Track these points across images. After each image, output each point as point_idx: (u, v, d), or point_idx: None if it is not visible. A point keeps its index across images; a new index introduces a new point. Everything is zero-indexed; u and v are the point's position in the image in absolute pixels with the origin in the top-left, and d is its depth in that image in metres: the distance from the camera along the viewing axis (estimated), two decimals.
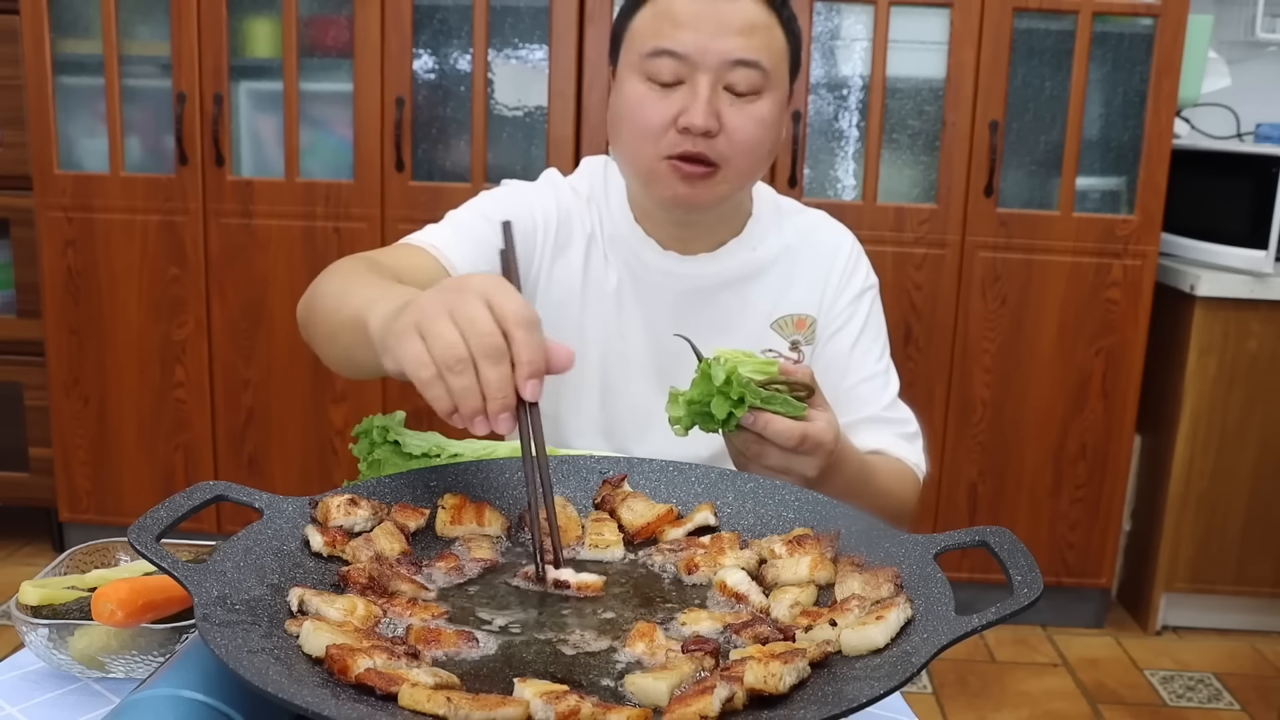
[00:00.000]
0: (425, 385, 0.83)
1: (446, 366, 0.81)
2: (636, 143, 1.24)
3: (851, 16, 2.72)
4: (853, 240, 1.43)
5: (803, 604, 0.80)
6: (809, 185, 2.79)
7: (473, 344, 0.81)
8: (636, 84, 1.23)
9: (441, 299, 0.84)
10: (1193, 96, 2.86)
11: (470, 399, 0.82)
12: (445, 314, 0.83)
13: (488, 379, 0.81)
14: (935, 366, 2.81)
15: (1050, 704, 2.63)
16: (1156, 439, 2.98)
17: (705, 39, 1.19)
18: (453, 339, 0.81)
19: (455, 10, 2.75)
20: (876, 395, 1.36)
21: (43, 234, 2.85)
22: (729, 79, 1.21)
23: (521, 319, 0.83)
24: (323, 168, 2.85)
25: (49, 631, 0.90)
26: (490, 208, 1.32)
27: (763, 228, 1.38)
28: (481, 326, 0.82)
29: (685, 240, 1.33)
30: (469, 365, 0.81)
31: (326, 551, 0.85)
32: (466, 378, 0.81)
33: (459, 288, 0.85)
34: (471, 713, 0.63)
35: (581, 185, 1.39)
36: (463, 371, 0.81)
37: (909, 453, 1.36)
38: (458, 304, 0.83)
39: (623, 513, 0.94)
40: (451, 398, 0.82)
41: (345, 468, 2.87)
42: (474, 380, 0.82)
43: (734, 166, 1.24)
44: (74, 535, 3.06)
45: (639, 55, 1.23)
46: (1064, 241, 2.75)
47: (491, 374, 0.81)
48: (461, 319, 0.82)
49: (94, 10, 2.77)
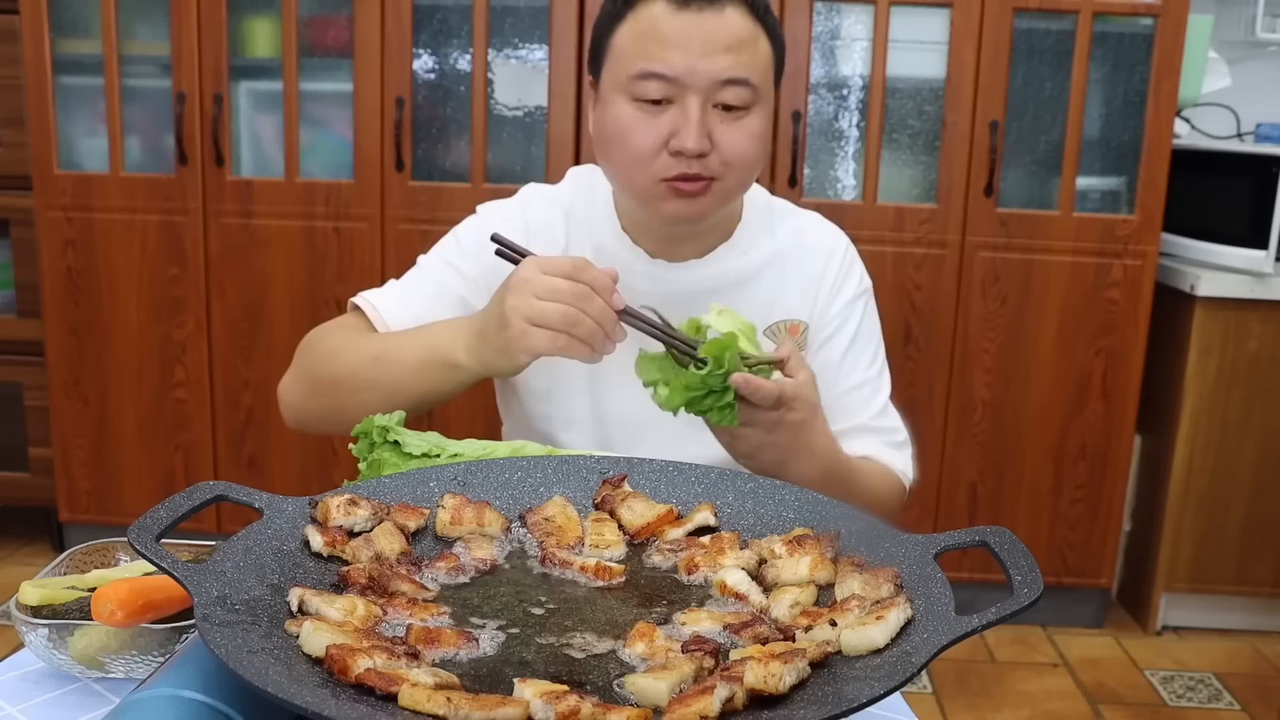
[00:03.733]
0: (566, 350, 1.08)
1: (571, 326, 1.07)
2: (629, 166, 1.24)
3: (851, 16, 2.72)
4: (846, 243, 1.41)
5: (803, 604, 0.80)
6: (809, 185, 2.79)
7: (569, 300, 1.07)
8: (623, 105, 1.22)
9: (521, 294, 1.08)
10: (1193, 96, 2.86)
11: (596, 334, 1.08)
12: (534, 300, 1.07)
13: (594, 312, 1.08)
14: (935, 366, 2.81)
15: (1050, 704, 2.63)
16: (1156, 439, 2.98)
17: (694, 59, 1.18)
18: (559, 309, 1.07)
19: (455, 10, 2.75)
20: (866, 403, 1.36)
21: (43, 234, 2.85)
22: (719, 97, 1.20)
23: (574, 265, 1.09)
24: (323, 168, 2.85)
25: (49, 631, 0.90)
26: (453, 252, 1.36)
27: (753, 232, 1.37)
28: (563, 287, 1.07)
29: (673, 247, 1.33)
30: (579, 314, 1.07)
31: (326, 551, 0.85)
32: (585, 323, 1.07)
33: (522, 279, 1.09)
34: (471, 713, 0.63)
35: (563, 198, 1.38)
36: (580, 321, 1.07)
37: (896, 460, 1.36)
38: (535, 288, 1.07)
39: (623, 513, 0.94)
40: (586, 343, 1.08)
41: (345, 468, 2.87)
42: (589, 321, 1.07)
43: (728, 180, 1.24)
44: (74, 535, 3.06)
45: (625, 76, 1.21)
46: (1064, 241, 2.75)
47: (594, 307, 1.08)
48: (547, 294, 1.07)
49: (94, 10, 2.77)
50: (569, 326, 1.07)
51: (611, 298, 1.09)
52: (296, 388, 1.31)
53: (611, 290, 1.09)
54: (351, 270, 2.81)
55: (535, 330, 1.07)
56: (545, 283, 1.07)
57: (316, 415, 1.30)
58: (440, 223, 1.57)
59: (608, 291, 1.09)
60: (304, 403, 1.30)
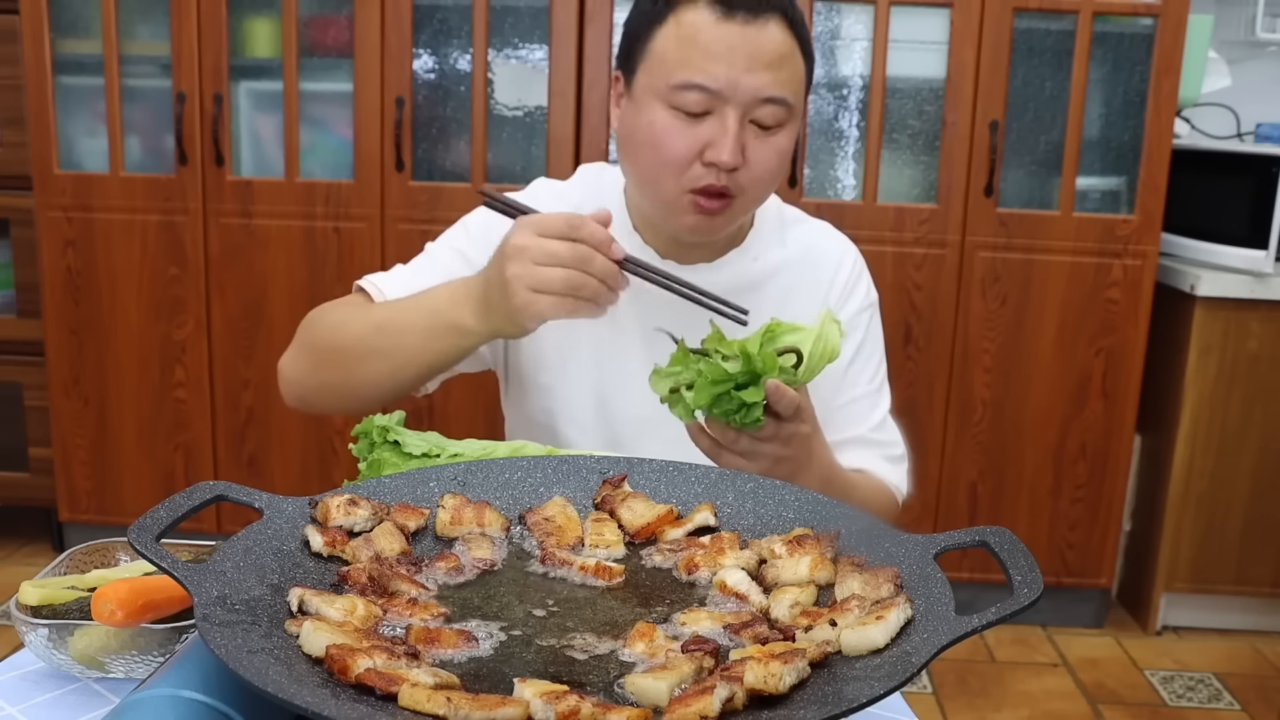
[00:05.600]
0: (573, 311, 1.08)
1: (574, 290, 1.06)
2: (658, 172, 1.23)
3: (851, 16, 2.72)
4: (856, 254, 1.42)
5: (803, 604, 0.80)
6: (809, 185, 2.79)
7: (570, 263, 1.06)
8: (659, 111, 1.21)
9: (519, 260, 1.07)
10: (1193, 96, 2.86)
11: (600, 291, 1.07)
12: (535, 265, 1.06)
13: (597, 269, 1.07)
14: (935, 366, 2.81)
15: (1050, 704, 2.62)
16: (1156, 439, 2.98)
17: (737, 73, 1.17)
18: (560, 273, 1.06)
19: (455, 10, 2.75)
20: (865, 415, 1.36)
21: (43, 234, 2.85)
22: (756, 114, 1.20)
23: (567, 223, 1.08)
24: (323, 168, 2.85)
25: (49, 631, 0.90)
26: (462, 240, 1.35)
27: (764, 238, 1.37)
28: (561, 250, 1.06)
29: (684, 250, 1.33)
30: (582, 275, 1.06)
31: (326, 551, 0.85)
32: (590, 283, 1.07)
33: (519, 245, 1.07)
34: (471, 713, 0.63)
35: (572, 194, 1.38)
36: (584, 283, 1.07)
37: (891, 474, 1.36)
38: (533, 253, 1.06)
39: (623, 513, 0.94)
40: (593, 302, 1.07)
41: (345, 468, 2.87)
42: (593, 281, 1.07)
43: (750, 195, 1.24)
44: (74, 535, 3.06)
45: (666, 85, 1.20)
46: (1064, 241, 2.75)
47: (595, 265, 1.07)
48: (546, 258, 1.06)
49: (94, 10, 2.77)
50: (573, 290, 1.06)
51: (610, 250, 1.08)
52: (298, 363, 1.28)
53: (609, 243, 1.08)
54: (351, 270, 2.80)
55: (540, 297, 1.06)
56: (544, 248, 1.06)
57: (318, 390, 1.27)
58: (440, 222, 1.57)
59: (605, 245, 1.08)
60: (306, 378, 1.28)
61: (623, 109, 1.28)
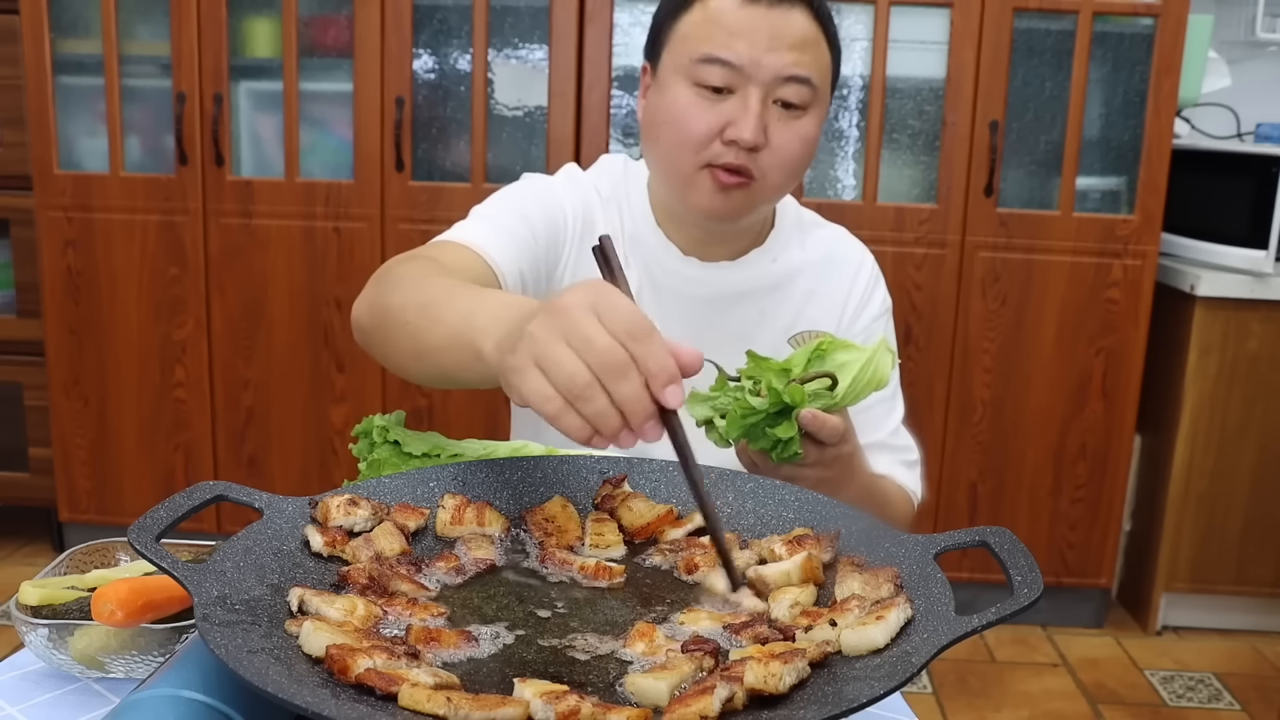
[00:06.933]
0: (555, 418, 0.78)
1: (574, 396, 0.77)
2: (677, 149, 1.23)
3: (851, 16, 2.72)
4: (873, 260, 1.43)
5: (803, 604, 0.80)
6: (809, 185, 2.79)
7: (594, 365, 0.76)
8: (683, 88, 1.22)
9: (551, 323, 0.78)
10: (1193, 96, 2.86)
11: (608, 420, 0.77)
12: (559, 339, 0.77)
13: (622, 396, 0.76)
14: (935, 366, 2.81)
15: (1050, 704, 2.62)
16: (1156, 439, 2.98)
17: (760, 51, 1.18)
18: (573, 367, 0.76)
19: (455, 10, 2.75)
20: (883, 421, 1.36)
21: (43, 234, 2.85)
22: (780, 93, 1.20)
23: (636, 329, 0.77)
24: (323, 168, 2.85)
25: (49, 631, 0.90)
26: (522, 203, 1.29)
27: (784, 239, 1.37)
28: (599, 344, 0.76)
29: (706, 247, 1.33)
30: (597, 388, 0.76)
31: (326, 551, 0.85)
32: (598, 401, 0.77)
33: (564, 307, 0.78)
34: (471, 713, 0.63)
35: (603, 184, 1.37)
36: (592, 397, 0.77)
37: (908, 479, 1.36)
38: (568, 326, 0.77)
39: (623, 513, 0.94)
40: (589, 423, 0.78)
41: (345, 468, 2.87)
42: (606, 402, 0.77)
43: (770, 180, 1.24)
44: (74, 535, 3.06)
45: (688, 59, 1.21)
46: (1064, 241, 2.75)
47: (623, 389, 0.76)
48: (576, 341, 0.76)
49: (94, 10, 2.77)
50: (573, 397, 0.77)
51: (664, 390, 0.77)
52: (362, 305, 1.17)
53: (669, 380, 0.77)
54: (351, 270, 2.81)
55: (534, 376, 0.79)
56: (583, 328, 0.77)
57: (369, 337, 1.16)
58: (440, 222, 1.57)
59: (661, 379, 0.77)
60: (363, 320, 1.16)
61: (648, 97, 1.28)
